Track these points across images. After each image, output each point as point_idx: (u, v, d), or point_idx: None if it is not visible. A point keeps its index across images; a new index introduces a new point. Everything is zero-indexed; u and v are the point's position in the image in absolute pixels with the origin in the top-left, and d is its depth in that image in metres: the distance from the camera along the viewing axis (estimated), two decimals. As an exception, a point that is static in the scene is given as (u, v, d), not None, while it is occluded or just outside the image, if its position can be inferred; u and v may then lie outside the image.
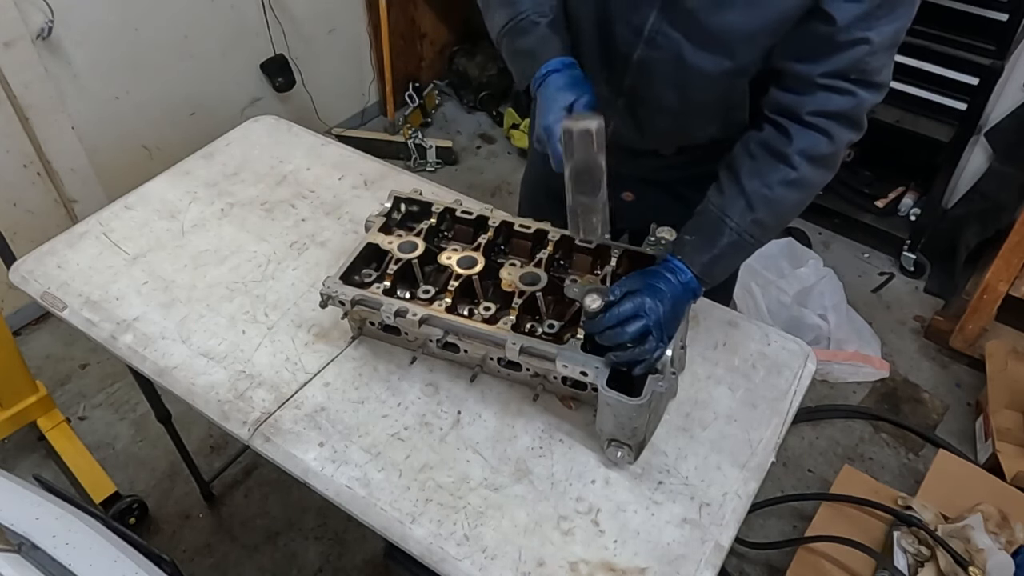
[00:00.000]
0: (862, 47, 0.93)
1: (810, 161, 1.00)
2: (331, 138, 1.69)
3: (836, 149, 1.00)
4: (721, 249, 1.04)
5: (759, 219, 1.03)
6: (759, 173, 1.02)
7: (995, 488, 1.82)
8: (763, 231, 1.04)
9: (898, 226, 2.70)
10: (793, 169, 1.00)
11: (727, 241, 1.04)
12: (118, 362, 1.36)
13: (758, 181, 1.02)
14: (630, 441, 1.03)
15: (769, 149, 1.01)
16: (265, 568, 1.90)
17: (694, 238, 1.06)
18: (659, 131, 1.17)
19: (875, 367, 2.33)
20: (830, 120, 0.98)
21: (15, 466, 2.09)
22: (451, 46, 3.43)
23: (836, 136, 0.99)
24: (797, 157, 0.99)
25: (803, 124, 0.99)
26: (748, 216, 1.02)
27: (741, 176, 1.03)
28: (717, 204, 1.05)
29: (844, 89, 0.96)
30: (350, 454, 1.08)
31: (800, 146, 0.99)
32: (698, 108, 1.10)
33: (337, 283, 1.14)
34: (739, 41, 0.99)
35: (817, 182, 1.02)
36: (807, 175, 1.00)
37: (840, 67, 0.95)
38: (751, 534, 1.93)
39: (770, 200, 1.02)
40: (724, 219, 1.03)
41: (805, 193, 1.04)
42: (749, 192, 1.02)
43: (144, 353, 1.22)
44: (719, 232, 1.04)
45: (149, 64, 2.40)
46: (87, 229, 1.43)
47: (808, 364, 1.21)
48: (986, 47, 2.24)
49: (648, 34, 1.03)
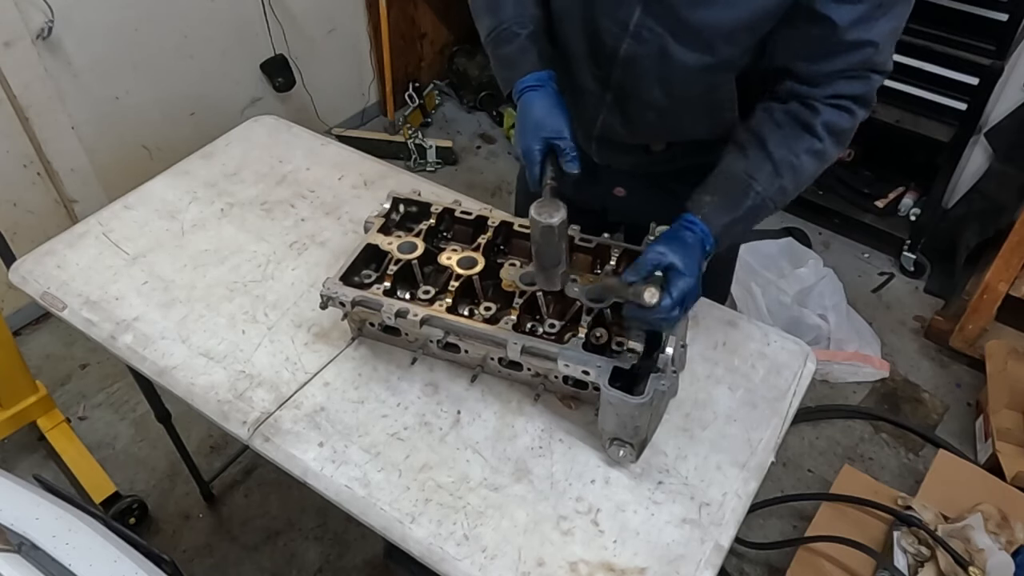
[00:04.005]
0: (867, 49, 0.96)
1: (832, 134, 1.02)
2: (331, 138, 1.70)
3: (854, 124, 1.03)
4: (744, 211, 1.05)
5: (784, 186, 1.04)
6: (787, 141, 1.03)
7: (995, 488, 1.81)
8: (784, 198, 1.06)
9: (898, 226, 2.69)
10: (819, 140, 1.02)
11: (750, 204, 1.04)
12: (118, 362, 1.36)
13: (786, 149, 1.03)
14: (632, 440, 1.03)
15: (797, 119, 1.02)
16: (265, 568, 1.90)
17: (715, 199, 1.06)
18: (647, 126, 1.17)
19: (875, 367, 2.33)
20: (847, 100, 1.01)
21: (15, 466, 2.08)
22: (451, 46, 3.43)
23: (856, 113, 1.02)
24: (822, 129, 1.01)
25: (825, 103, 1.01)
26: (776, 182, 1.03)
27: (768, 143, 1.03)
28: (743, 167, 1.05)
29: (856, 77, 0.99)
30: (350, 454, 1.08)
31: (825, 119, 1.01)
32: (684, 104, 1.11)
33: (337, 284, 1.14)
34: (719, 37, 1.01)
35: (832, 156, 1.05)
36: (828, 147, 1.03)
37: (849, 65, 0.98)
38: (751, 534, 1.93)
39: (795, 168, 1.03)
40: (751, 183, 1.04)
41: (822, 165, 1.05)
42: (777, 159, 1.03)
43: (144, 353, 1.22)
44: (744, 195, 1.04)
45: (149, 64, 2.40)
46: (87, 229, 1.43)
47: (808, 364, 1.21)
48: (986, 47, 2.24)
49: (634, 28, 1.04)
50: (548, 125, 1.05)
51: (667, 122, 1.16)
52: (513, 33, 1.10)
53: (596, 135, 1.22)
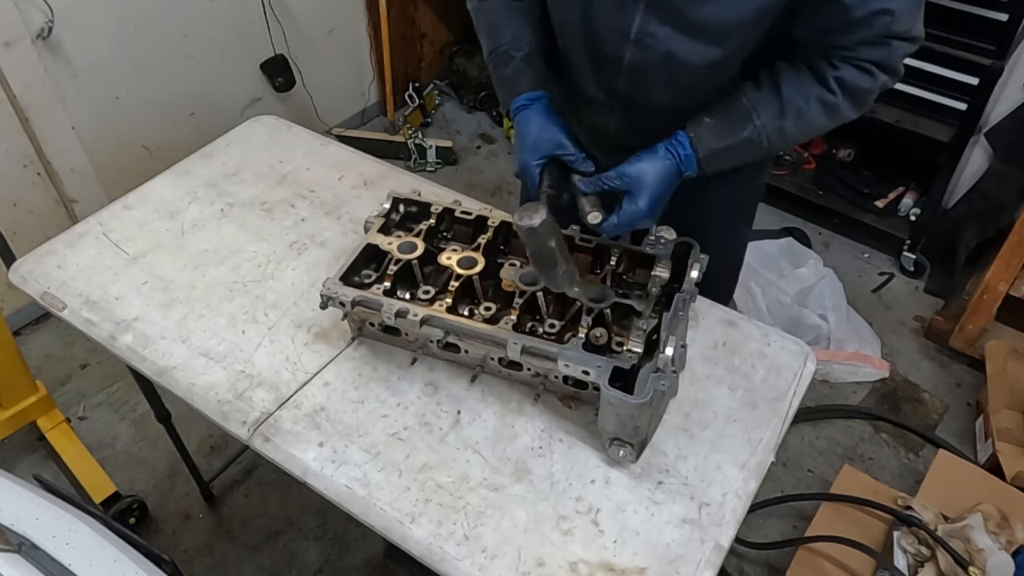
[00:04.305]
0: (883, 18, 0.94)
1: (847, 92, 1.01)
2: (331, 138, 1.70)
3: (874, 86, 1.01)
4: (738, 141, 1.05)
5: (784, 127, 1.04)
6: (800, 85, 1.03)
7: (995, 488, 1.81)
8: (781, 139, 1.05)
9: (898, 226, 2.69)
10: (831, 93, 1.01)
11: (747, 136, 1.04)
12: (118, 362, 1.36)
13: (796, 91, 1.03)
14: (632, 440, 1.03)
15: (813, 69, 1.02)
16: (265, 568, 1.90)
17: (714, 121, 1.06)
18: (657, 129, 1.17)
19: (875, 367, 2.33)
20: (868, 63, 1.00)
21: (15, 466, 2.08)
22: (451, 46, 3.43)
23: (877, 76, 1.00)
24: (835, 83, 1.01)
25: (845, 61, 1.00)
26: (777, 121, 1.03)
27: (781, 83, 1.03)
28: (750, 98, 1.05)
29: (879, 43, 0.98)
30: (350, 454, 1.08)
31: (841, 75, 1.00)
32: (691, 101, 1.11)
33: (337, 284, 1.14)
34: (727, 31, 1.00)
35: (846, 115, 1.04)
36: (841, 103, 1.02)
37: (865, 37, 0.97)
38: (751, 534, 1.93)
39: (801, 112, 1.03)
40: (753, 114, 1.04)
41: (832, 120, 1.04)
42: (785, 98, 1.03)
43: (144, 353, 1.22)
44: (743, 125, 1.04)
45: (149, 64, 2.40)
46: (87, 229, 1.43)
47: (808, 364, 1.21)
48: (986, 47, 2.24)
49: (635, 36, 1.04)
50: (545, 139, 1.09)
51: (673, 121, 1.16)
52: (509, 56, 1.15)
53: (607, 143, 1.22)
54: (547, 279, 1.04)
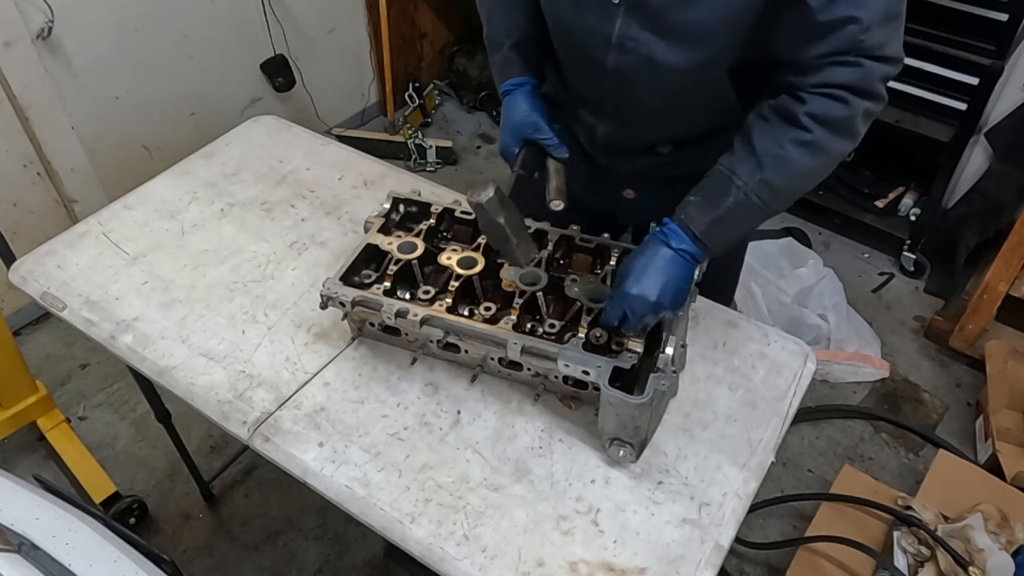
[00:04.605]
0: (851, 27, 0.91)
1: (823, 125, 0.97)
2: (331, 138, 1.70)
3: (851, 114, 0.97)
4: (726, 209, 1.02)
5: (767, 179, 1.00)
6: (771, 133, 0.99)
7: (995, 488, 1.81)
8: (772, 194, 1.01)
9: (898, 226, 2.69)
10: (805, 131, 0.97)
11: (733, 201, 1.01)
12: (118, 362, 1.36)
13: (770, 141, 0.99)
14: (632, 440, 1.03)
15: (780, 112, 0.99)
16: (265, 568, 1.90)
17: (698, 198, 1.04)
18: (648, 129, 1.18)
19: (875, 367, 2.33)
20: (840, 89, 0.95)
21: (15, 466, 2.08)
22: (451, 46, 3.43)
23: (851, 102, 0.96)
24: (807, 119, 0.96)
25: (812, 93, 0.97)
26: (757, 175, 1.00)
27: (753, 137, 1.00)
28: (726, 163, 1.02)
29: (848, 63, 0.94)
30: (350, 454, 1.08)
31: (811, 109, 0.96)
32: (680, 104, 1.10)
33: (337, 284, 1.14)
34: (705, 34, 0.99)
35: (834, 149, 0.99)
36: (821, 139, 0.97)
37: (835, 48, 0.93)
38: (751, 534, 1.93)
39: (780, 160, 0.99)
40: (732, 177, 1.01)
41: (820, 159, 1.00)
42: (760, 152, 0.99)
43: (144, 353, 1.22)
44: (726, 191, 1.01)
45: (149, 64, 2.40)
46: (87, 229, 1.43)
47: (808, 364, 1.21)
48: (986, 47, 2.24)
49: (616, 40, 1.03)
50: (524, 123, 1.13)
51: (665, 123, 1.16)
52: (500, 43, 1.18)
53: (600, 142, 1.22)
54: (504, 254, 1.07)
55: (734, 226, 1.05)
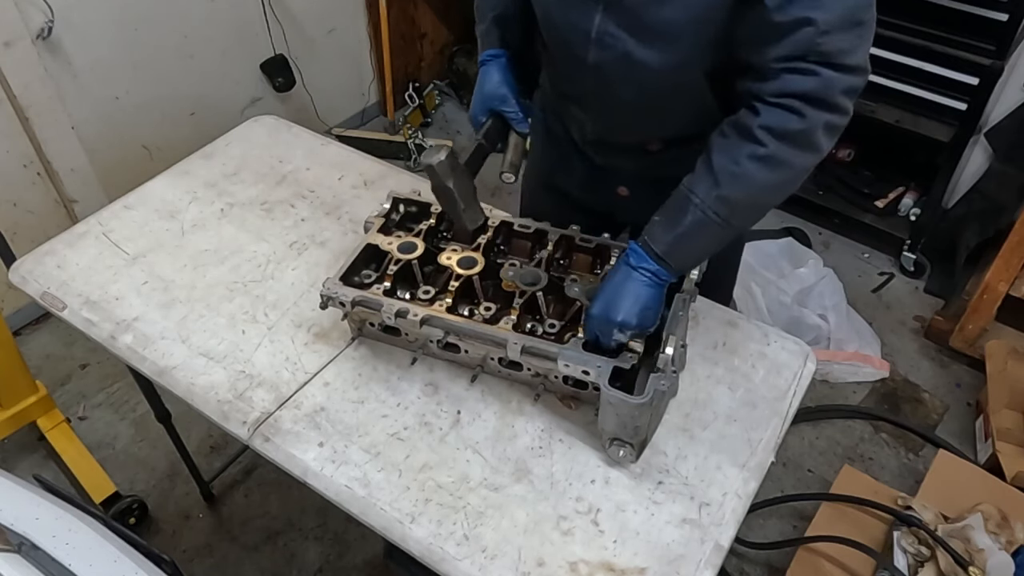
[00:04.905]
0: (807, 29, 0.90)
1: (779, 138, 0.95)
2: (331, 138, 1.70)
3: (809, 127, 0.94)
4: (686, 228, 1.01)
5: (724, 195, 0.99)
6: (728, 149, 0.99)
7: (995, 488, 1.81)
8: (730, 210, 1.00)
9: (898, 226, 2.69)
10: (760, 145, 0.95)
11: (691, 219, 1.01)
12: (118, 362, 1.36)
13: (726, 157, 0.98)
14: (632, 440, 1.03)
15: (737, 127, 0.98)
16: (265, 568, 1.90)
17: (661, 218, 1.05)
18: (631, 127, 1.18)
19: (875, 367, 2.32)
20: (796, 100, 0.93)
21: (15, 466, 2.08)
22: (451, 46, 3.43)
23: (807, 115, 0.93)
24: (762, 132, 0.95)
25: (769, 104, 0.95)
26: (713, 192, 0.99)
27: (712, 154, 1.00)
28: (686, 182, 1.03)
29: (804, 70, 0.92)
30: (350, 454, 1.08)
31: (765, 122, 0.95)
32: (659, 104, 1.10)
33: (337, 284, 1.14)
34: (678, 33, 0.99)
35: (794, 162, 0.97)
36: (777, 152, 0.96)
37: (791, 51, 0.91)
38: (751, 534, 1.93)
39: (737, 176, 0.97)
40: (690, 195, 1.01)
41: (779, 173, 0.98)
42: (717, 168, 0.99)
43: (144, 353, 1.22)
44: (684, 209, 1.01)
45: (149, 64, 2.40)
46: (87, 229, 1.43)
47: (808, 364, 1.21)
48: (986, 47, 2.24)
49: (596, 36, 1.04)
50: (493, 94, 1.17)
51: (648, 122, 1.16)
52: (484, 15, 1.22)
53: (589, 139, 1.22)
54: (453, 217, 1.13)
55: (696, 243, 1.05)
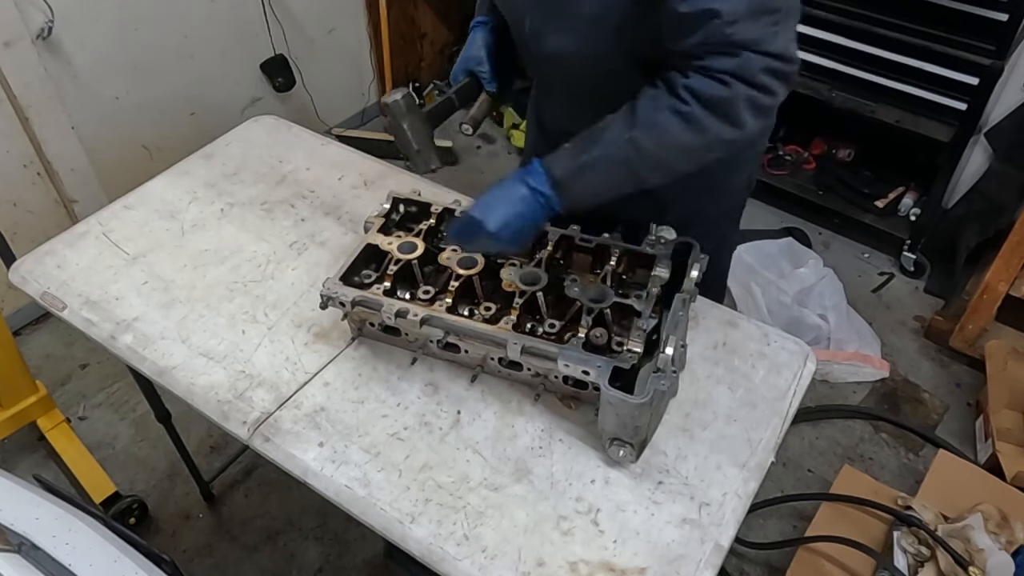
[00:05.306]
0: (714, 20, 0.91)
1: (700, 101, 0.96)
2: (331, 138, 1.70)
3: (731, 96, 0.95)
4: (589, 158, 1.01)
5: (636, 138, 0.99)
6: (653, 97, 1.00)
7: (995, 488, 1.81)
8: (638, 154, 1.00)
9: (898, 226, 2.69)
10: (683, 102, 0.97)
11: (598, 152, 1.01)
12: (118, 362, 1.36)
13: (650, 104, 0.99)
14: (632, 440, 1.03)
15: (665, 81, 0.99)
16: (265, 568, 1.90)
17: (570, 145, 1.05)
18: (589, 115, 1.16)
19: (875, 367, 2.32)
20: (719, 73, 0.95)
21: (15, 466, 2.08)
22: (451, 46, 3.43)
23: (731, 85, 0.95)
24: (685, 91, 0.96)
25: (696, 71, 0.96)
26: (627, 132, 1.00)
27: (638, 99, 1.01)
28: (607, 119, 1.03)
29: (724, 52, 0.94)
30: (350, 454, 1.08)
31: (690, 84, 0.96)
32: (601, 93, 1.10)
33: (337, 284, 1.14)
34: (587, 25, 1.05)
35: (711, 130, 0.98)
36: (697, 114, 0.97)
37: (705, 40, 0.94)
38: (751, 534, 1.93)
39: (654, 124, 0.99)
40: (604, 129, 1.02)
41: (693, 134, 0.98)
42: (638, 112, 1.00)
43: (144, 353, 1.22)
44: (595, 141, 1.02)
45: (149, 64, 2.40)
46: (87, 229, 1.43)
47: (808, 364, 1.21)
48: (986, 47, 2.23)
49: (529, 30, 1.12)
50: (473, 56, 1.25)
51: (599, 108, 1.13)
52: None
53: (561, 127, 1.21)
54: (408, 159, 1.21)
55: (593, 179, 1.04)
